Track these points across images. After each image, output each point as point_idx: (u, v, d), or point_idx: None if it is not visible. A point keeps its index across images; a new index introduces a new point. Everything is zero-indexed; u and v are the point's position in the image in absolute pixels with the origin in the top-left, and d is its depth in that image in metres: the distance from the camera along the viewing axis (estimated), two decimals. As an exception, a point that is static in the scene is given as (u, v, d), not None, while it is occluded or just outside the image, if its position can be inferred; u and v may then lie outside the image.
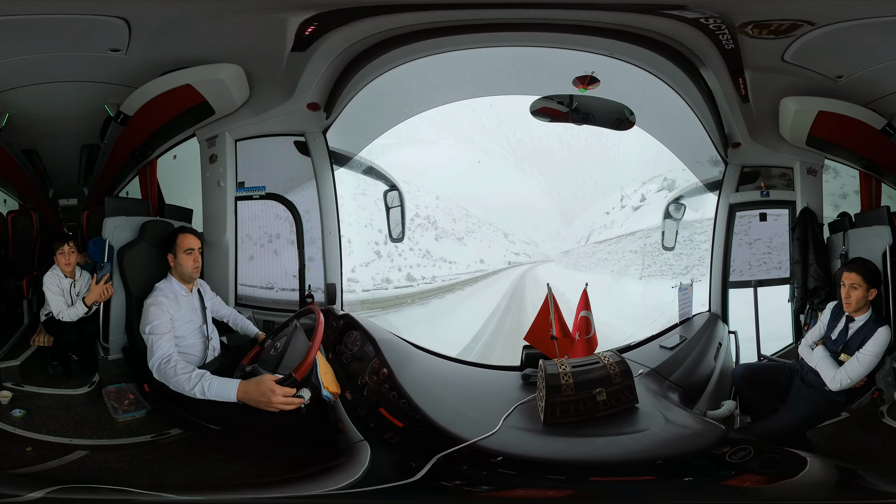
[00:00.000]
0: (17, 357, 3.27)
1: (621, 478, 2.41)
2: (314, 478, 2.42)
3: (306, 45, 3.09)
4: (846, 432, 2.93)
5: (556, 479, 2.38)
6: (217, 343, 3.05)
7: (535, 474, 2.41)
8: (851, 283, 2.87)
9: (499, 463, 2.41)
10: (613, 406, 2.65)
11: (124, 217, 3.28)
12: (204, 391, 2.50)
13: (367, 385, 2.86)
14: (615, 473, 2.42)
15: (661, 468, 2.43)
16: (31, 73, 3.21)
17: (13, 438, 2.75)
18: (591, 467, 2.43)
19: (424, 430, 2.58)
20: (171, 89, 3.27)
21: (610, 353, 2.78)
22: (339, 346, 3.17)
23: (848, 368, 2.82)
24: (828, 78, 3.28)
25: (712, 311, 3.83)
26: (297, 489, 2.39)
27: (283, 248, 3.56)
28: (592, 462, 2.45)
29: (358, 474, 2.39)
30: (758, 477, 2.43)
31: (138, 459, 2.69)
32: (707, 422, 2.80)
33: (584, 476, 2.41)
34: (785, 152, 3.63)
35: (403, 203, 3.85)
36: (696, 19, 2.91)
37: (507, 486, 2.39)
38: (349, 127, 3.55)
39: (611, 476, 2.42)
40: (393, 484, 2.35)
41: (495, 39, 3.24)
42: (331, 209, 3.55)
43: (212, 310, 3.11)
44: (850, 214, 3.56)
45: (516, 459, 2.43)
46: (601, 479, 2.40)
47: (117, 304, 3.17)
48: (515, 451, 2.46)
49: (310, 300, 3.51)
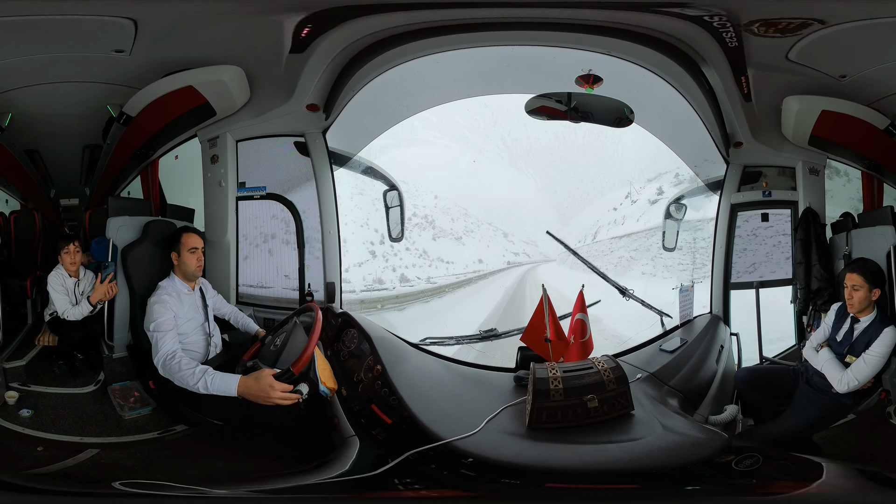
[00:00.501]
0: (22, 357, 3.30)
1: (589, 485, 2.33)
2: (308, 473, 2.45)
3: (304, 46, 3.10)
4: (854, 434, 2.89)
5: (512, 483, 2.31)
6: (219, 340, 3.09)
7: (499, 477, 2.35)
8: (853, 285, 2.85)
9: (467, 464, 2.37)
10: (606, 413, 2.56)
11: (127, 217, 3.32)
12: (207, 386, 2.55)
13: (361, 382, 2.87)
14: (597, 481, 2.34)
15: (649, 477, 2.36)
16: (34, 73, 3.23)
17: (23, 438, 2.78)
18: (568, 474, 2.35)
19: (408, 427, 2.57)
20: (174, 90, 3.30)
21: (605, 359, 2.71)
22: (336, 344, 3.19)
23: (855, 370, 2.79)
24: (831, 77, 3.25)
25: (714, 313, 3.81)
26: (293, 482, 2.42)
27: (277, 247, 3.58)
28: (570, 469, 2.37)
29: (345, 468, 2.42)
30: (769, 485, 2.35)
31: (149, 456, 2.73)
32: (708, 429, 2.74)
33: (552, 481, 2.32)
34: (787, 152, 3.59)
35: (403, 203, 3.85)
36: (699, 17, 2.88)
37: (463, 487, 2.34)
38: (348, 127, 3.55)
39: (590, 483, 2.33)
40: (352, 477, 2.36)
41: (490, 39, 3.22)
42: (330, 209, 3.57)
43: (213, 308, 3.15)
44: (853, 215, 3.53)
45: (486, 462, 2.38)
46: (559, 485, 2.32)
47: (121, 303, 3.22)
48: (488, 453, 2.41)
49: (309, 298, 3.54)
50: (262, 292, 3.57)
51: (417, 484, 2.35)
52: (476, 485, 2.35)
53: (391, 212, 3.83)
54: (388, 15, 3.00)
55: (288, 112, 3.42)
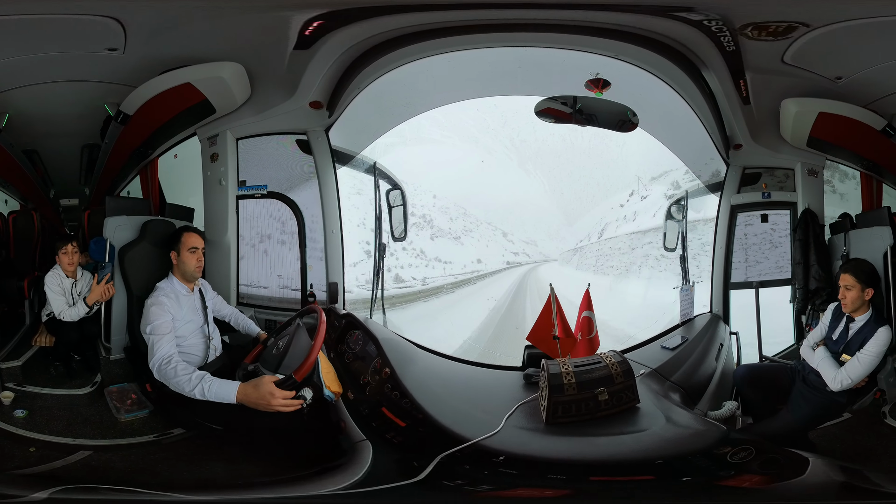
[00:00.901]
0: (18, 357, 3.26)
1: (621, 477, 2.41)
2: (317, 477, 2.44)
3: (309, 43, 3.07)
4: (848, 433, 2.95)
5: (557, 478, 2.39)
6: (218, 343, 3.04)
7: (537, 474, 2.41)
8: (845, 285, 2.91)
9: (500, 462, 2.42)
10: (615, 406, 2.66)
11: (125, 216, 3.27)
12: (204, 392, 2.50)
13: (369, 384, 2.87)
14: (616, 473, 2.42)
15: (661, 468, 2.43)
16: (31, 73, 3.19)
17: (16, 439, 2.75)
18: (592, 467, 2.44)
19: (427, 429, 2.58)
20: (172, 88, 3.25)
21: (612, 353, 2.79)
22: (340, 346, 3.17)
23: (849, 369, 2.84)
24: (827, 79, 3.29)
25: (714, 312, 3.84)
26: (301, 489, 2.40)
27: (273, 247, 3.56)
28: (593, 461, 2.45)
29: (360, 474, 2.40)
30: (759, 477, 2.44)
31: (142, 459, 2.70)
32: (708, 422, 2.81)
33: (585, 476, 2.41)
34: (786, 153, 3.63)
35: (406, 202, 3.84)
36: (699, 21, 2.92)
37: (509, 485, 2.39)
38: (352, 126, 3.54)
39: (611, 476, 2.42)
40: (396, 483, 2.36)
41: (500, 40, 3.23)
42: (333, 208, 3.55)
43: (213, 309, 3.11)
44: (850, 215, 3.58)
45: (518, 459, 2.44)
46: (601, 478, 2.40)
47: (119, 304, 3.17)
48: (517, 450, 2.47)
49: (311, 299, 3.51)
50: (262, 292, 3.54)
51: (467, 486, 2.39)
52: (517, 482, 2.40)
53: (394, 211, 3.82)
54: (400, 16, 2.99)
55: (290, 109, 3.40)
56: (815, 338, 3.06)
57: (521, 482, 2.40)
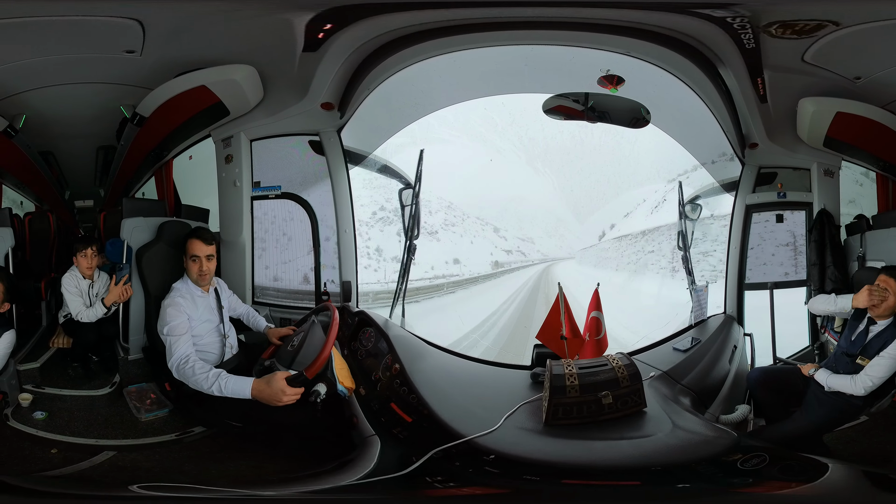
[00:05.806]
0: (36, 359, 3.28)
1: (600, 482, 2.34)
2: (332, 473, 2.45)
3: (317, 45, 3.07)
4: (865, 436, 2.89)
5: (535, 479, 2.35)
6: (234, 341, 3.07)
7: (521, 474, 2.38)
8: (885, 287, 2.82)
9: (489, 461, 2.40)
10: (619, 410, 2.59)
11: (142, 218, 3.31)
12: (221, 389, 2.56)
13: (380, 381, 2.88)
14: (603, 478, 2.35)
15: (655, 474, 2.37)
16: (48, 74, 3.21)
17: (36, 441, 2.76)
18: (582, 470, 2.38)
19: (429, 425, 2.58)
20: (187, 90, 3.27)
21: (619, 356, 2.73)
22: (354, 343, 3.19)
23: (869, 370, 2.80)
24: (846, 79, 3.25)
25: (727, 313, 3.82)
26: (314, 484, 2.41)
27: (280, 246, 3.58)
28: (585, 465, 2.39)
29: (369, 468, 2.42)
30: (772, 484, 2.36)
31: (168, 458, 2.72)
32: (718, 428, 2.75)
33: (568, 477, 2.35)
34: (802, 153, 3.60)
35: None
36: (722, 18, 2.88)
37: (490, 484, 2.37)
38: (363, 126, 3.55)
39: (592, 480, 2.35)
40: (383, 477, 2.36)
41: (509, 38, 3.21)
42: (346, 207, 3.56)
43: (228, 308, 3.13)
44: (867, 217, 3.55)
45: (507, 458, 2.41)
46: (575, 481, 2.34)
47: (136, 305, 3.21)
48: (508, 450, 2.44)
49: (325, 297, 3.53)
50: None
51: (451, 482, 2.37)
52: (499, 481, 2.38)
53: (406, 210, 3.82)
54: (405, 13, 2.98)
55: (302, 111, 3.41)
56: (821, 301, 3.10)
57: (502, 481, 2.37)
